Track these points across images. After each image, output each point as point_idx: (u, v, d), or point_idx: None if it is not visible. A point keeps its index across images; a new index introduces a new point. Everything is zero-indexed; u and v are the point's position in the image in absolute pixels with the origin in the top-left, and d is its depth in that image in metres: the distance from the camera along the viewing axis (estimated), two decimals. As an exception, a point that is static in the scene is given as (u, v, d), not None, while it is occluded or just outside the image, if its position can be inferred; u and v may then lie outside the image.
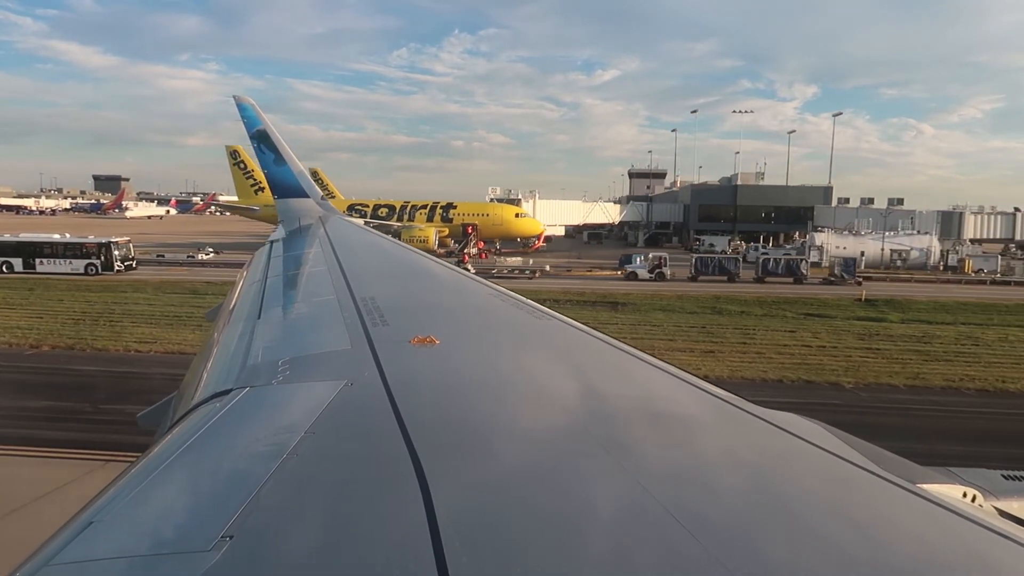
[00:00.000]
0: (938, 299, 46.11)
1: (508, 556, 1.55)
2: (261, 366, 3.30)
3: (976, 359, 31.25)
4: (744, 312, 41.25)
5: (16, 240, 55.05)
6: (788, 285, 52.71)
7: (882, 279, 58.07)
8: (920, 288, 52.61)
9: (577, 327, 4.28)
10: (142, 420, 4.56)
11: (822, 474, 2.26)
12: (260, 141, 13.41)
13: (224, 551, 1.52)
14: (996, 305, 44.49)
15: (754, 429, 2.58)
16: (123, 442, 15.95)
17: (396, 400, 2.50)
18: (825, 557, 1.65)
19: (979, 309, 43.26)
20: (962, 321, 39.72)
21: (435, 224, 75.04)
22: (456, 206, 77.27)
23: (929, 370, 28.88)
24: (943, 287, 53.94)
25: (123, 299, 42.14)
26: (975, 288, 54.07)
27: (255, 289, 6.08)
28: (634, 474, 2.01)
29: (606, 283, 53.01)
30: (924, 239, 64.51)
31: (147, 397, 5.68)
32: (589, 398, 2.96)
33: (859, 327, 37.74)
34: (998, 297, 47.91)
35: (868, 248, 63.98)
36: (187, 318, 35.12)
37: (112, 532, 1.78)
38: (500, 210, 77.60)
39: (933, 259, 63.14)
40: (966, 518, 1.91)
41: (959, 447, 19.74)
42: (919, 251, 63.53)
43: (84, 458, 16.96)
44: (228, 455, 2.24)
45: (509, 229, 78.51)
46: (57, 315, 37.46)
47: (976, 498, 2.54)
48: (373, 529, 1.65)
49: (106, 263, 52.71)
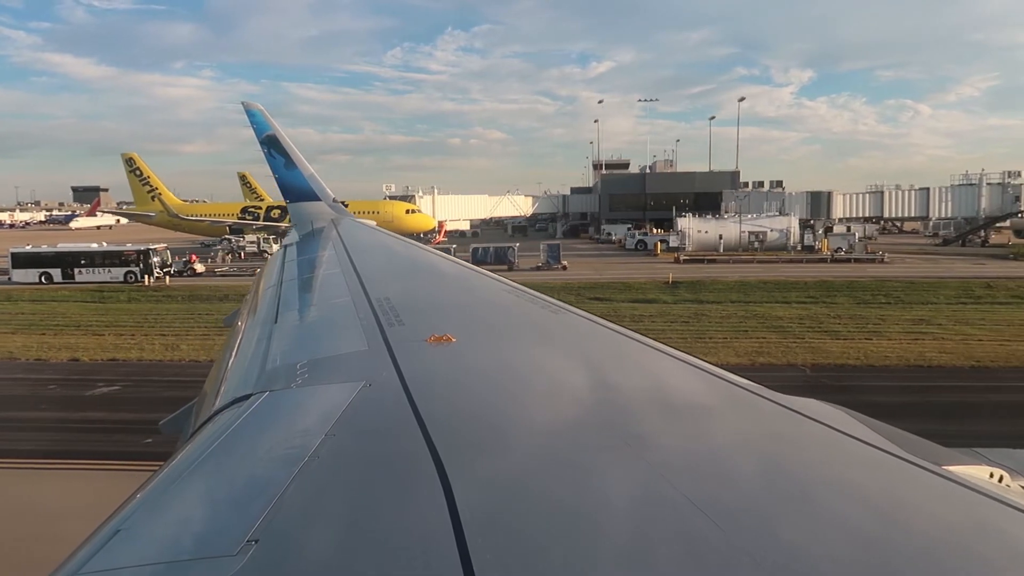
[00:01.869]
0: (746, 279, 46.74)
1: (532, 554, 1.54)
2: (280, 370, 3.31)
3: (701, 333, 33.08)
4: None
5: (54, 251, 55.54)
6: (575, 273, 53.30)
7: (725, 261, 59.12)
8: (745, 269, 53.71)
9: (594, 320, 4.26)
10: (164, 427, 4.56)
11: (847, 459, 2.23)
12: (270, 146, 13.49)
13: (250, 555, 1.52)
14: (796, 283, 45.14)
15: (777, 417, 2.55)
16: None
17: (415, 400, 2.49)
18: (854, 542, 1.63)
19: (776, 288, 43.89)
20: (740, 300, 40.55)
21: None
22: (348, 204, 78.79)
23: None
24: (774, 266, 55.00)
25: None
26: (808, 267, 54.83)
27: (271, 293, 6.14)
28: (658, 467, 1.98)
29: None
30: (783, 220, 64.99)
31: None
32: (609, 391, 2.93)
33: (628, 308, 38.63)
34: (815, 275, 48.45)
35: (727, 231, 64.49)
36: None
37: (139, 540, 1.80)
38: (391, 207, 78.91)
39: (793, 239, 63.65)
40: (995, 499, 1.88)
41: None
42: (779, 232, 64.03)
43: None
44: (250, 459, 2.24)
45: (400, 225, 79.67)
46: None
47: (1004, 479, 2.50)
48: (396, 530, 1.65)
49: (145, 270, 53.00)
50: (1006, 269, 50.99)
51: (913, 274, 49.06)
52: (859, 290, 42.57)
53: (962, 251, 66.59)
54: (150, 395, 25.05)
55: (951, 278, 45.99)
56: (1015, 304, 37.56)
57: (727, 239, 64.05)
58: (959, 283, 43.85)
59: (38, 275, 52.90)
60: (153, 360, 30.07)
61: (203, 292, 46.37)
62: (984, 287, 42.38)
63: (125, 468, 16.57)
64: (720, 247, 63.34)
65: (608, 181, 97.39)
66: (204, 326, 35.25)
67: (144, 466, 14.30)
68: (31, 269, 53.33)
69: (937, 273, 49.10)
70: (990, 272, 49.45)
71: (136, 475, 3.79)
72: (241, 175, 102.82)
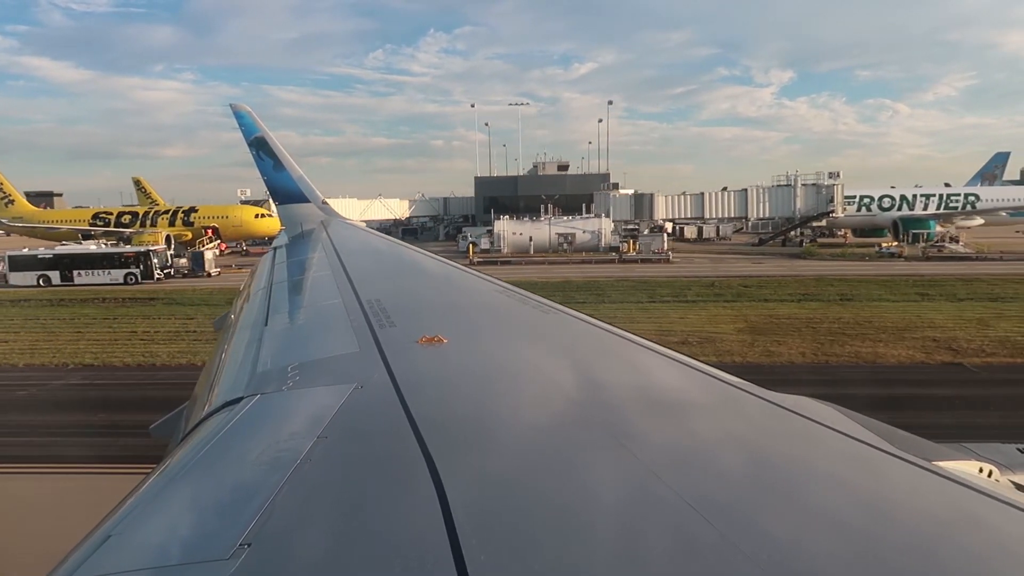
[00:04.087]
0: (520, 279, 47.59)
1: (525, 553, 1.54)
2: (271, 372, 3.29)
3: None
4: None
5: (53, 253, 55.29)
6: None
7: (540, 262, 59.72)
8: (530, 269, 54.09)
9: (585, 320, 4.25)
10: (155, 431, 4.48)
11: (837, 456, 2.24)
12: (258, 148, 13.44)
13: (242, 559, 1.52)
14: (567, 283, 45.51)
15: (769, 415, 2.56)
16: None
17: (407, 401, 2.48)
18: (844, 538, 1.64)
19: (541, 288, 44.81)
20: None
21: (176, 228, 76.70)
22: (198, 210, 79.66)
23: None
24: (577, 267, 56.15)
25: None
26: (599, 267, 56.21)
27: (261, 296, 6.08)
28: (649, 464, 1.98)
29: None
30: (595, 222, 66.42)
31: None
32: (601, 390, 2.92)
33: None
34: (594, 275, 49.57)
35: (537, 233, 65.78)
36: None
37: (130, 545, 1.78)
38: (240, 212, 79.39)
39: (604, 241, 65.12)
40: (983, 493, 1.90)
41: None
42: (591, 234, 65.52)
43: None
44: (242, 463, 2.22)
45: (249, 230, 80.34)
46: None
47: (992, 473, 2.52)
48: (390, 531, 1.64)
49: (145, 272, 52.88)
50: (778, 268, 52.58)
51: (677, 273, 50.46)
52: (600, 289, 43.54)
53: (765, 251, 67.58)
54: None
55: (692, 278, 47.49)
56: (704, 303, 38.94)
57: (537, 241, 65.10)
58: (689, 282, 45.35)
59: (36, 278, 52.50)
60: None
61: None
62: (708, 286, 43.88)
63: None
64: (531, 248, 64.64)
65: (483, 184, 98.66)
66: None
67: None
68: (29, 272, 52.93)
69: (703, 272, 50.56)
70: (757, 271, 51.10)
71: (126, 478, 3.60)
72: (135, 180, 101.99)
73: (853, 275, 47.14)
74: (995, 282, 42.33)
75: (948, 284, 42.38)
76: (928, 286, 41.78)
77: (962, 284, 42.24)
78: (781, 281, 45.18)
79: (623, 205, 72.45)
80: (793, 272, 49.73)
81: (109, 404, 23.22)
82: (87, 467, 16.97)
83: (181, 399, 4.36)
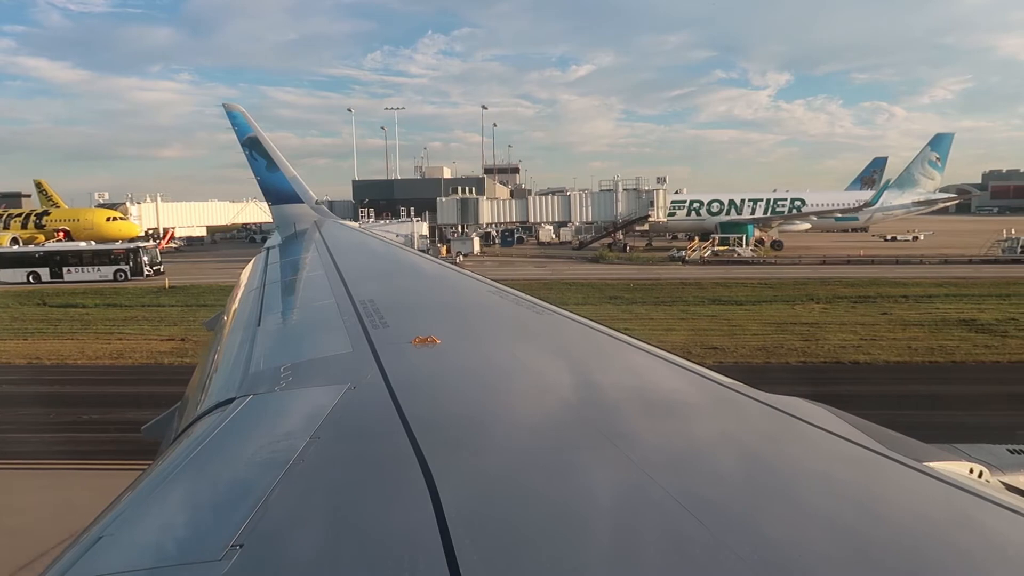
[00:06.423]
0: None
1: (518, 552, 1.54)
2: (263, 373, 3.26)
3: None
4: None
5: (43, 250, 55.44)
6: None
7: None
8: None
9: (578, 320, 4.25)
10: (147, 432, 4.48)
11: (828, 456, 2.24)
12: (251, 148, 13.35)
13: (234, 560, 1.51)
14: None
15: (761, 415, 2.56)
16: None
17: (400, 402, 2.48)
18: (834, 538, 1.64)
19: None
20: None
21: (28, 231, 78.32)
22: (50, 213, 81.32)
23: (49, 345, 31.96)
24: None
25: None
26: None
27: (254, 296, 6.06)
28: (643, 465, 1.98)
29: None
30: (407, 226, 67.61)
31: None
32: (593, 391, 2.92)
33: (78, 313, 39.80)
34: None
35: (351, 237, 66.89)
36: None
37: (122, 546, 1.77)
38: (91, 215, 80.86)
39: (416, 245, 66.36)
40: (973, 494, 1.90)
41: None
42: (403, 237, 66.73)
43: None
44: (234, 464, 2.21)
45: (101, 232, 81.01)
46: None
47: (983, 474, 2.52)
48: (383, 532, 1.64)
49: (135, 268, 52.77)
50: (547, 273, 54.16)
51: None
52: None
53: (573, 254, 69.79)
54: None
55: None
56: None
57: (349, 244, 66.35)
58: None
59: (26, 275, 52.47)
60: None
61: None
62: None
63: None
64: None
65: (361, 187, 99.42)
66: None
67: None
68: (18, 269, 52.86)
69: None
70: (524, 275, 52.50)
71: (120, 476, 3.51)
72: (37, 183, 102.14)
73: (598, 279, 48.80)
74: (731, 285, 44.44)
75: (670, 288, 44.29)
76: (643, 290, 43.55)
77: (681, 287, 44.30)
78: (527, 284, 46.63)
79: (450, 209, 73.72)
80: (556, 276, 51.21)
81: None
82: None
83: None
